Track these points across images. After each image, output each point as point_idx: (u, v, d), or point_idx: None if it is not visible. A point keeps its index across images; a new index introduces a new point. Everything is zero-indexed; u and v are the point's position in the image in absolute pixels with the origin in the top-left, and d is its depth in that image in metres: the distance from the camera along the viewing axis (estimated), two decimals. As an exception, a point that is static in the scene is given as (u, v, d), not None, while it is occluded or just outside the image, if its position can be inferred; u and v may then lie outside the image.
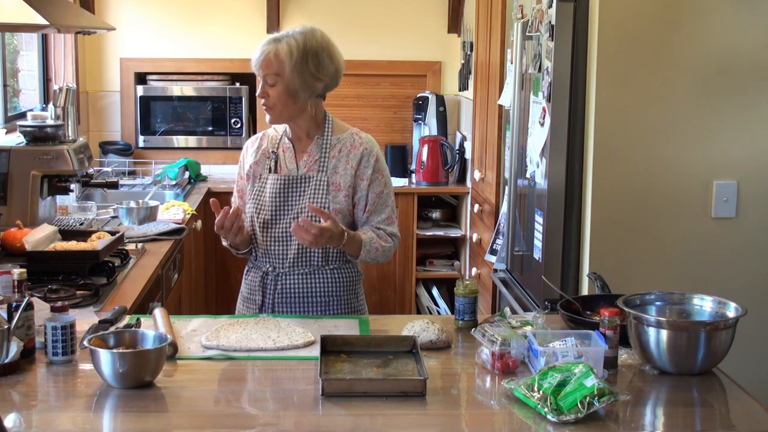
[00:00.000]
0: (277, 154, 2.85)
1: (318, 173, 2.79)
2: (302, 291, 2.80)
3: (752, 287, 3.17)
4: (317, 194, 2.77)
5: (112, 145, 5.67)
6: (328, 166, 2.79)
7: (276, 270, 2.81)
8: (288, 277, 2.80)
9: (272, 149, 2.86)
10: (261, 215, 2.81)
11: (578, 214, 3.25)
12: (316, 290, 2.80)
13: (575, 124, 3.21)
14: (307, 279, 2.80)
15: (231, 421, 1.96)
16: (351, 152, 2.81)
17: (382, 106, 5.83)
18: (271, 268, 2.81)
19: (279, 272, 2.81)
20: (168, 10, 5.76)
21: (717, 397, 2.12)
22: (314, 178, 2.79)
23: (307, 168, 2.81)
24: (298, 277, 2.80)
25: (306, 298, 2.80)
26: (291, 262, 2.79)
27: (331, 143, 2.82)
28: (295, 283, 2.80)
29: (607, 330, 2.22)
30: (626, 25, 3.08)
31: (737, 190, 3.15)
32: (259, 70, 2.75)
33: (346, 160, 2.80)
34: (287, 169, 2.82)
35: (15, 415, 1.96)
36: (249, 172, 2.87)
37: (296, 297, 2.80)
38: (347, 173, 2.79)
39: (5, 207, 3.70)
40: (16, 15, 3.08)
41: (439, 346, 2.39)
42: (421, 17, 5.84)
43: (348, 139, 2.84)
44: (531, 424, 1.94)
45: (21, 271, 2.38)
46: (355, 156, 2.81)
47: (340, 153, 2.81)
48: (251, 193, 2.85)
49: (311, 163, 2.81)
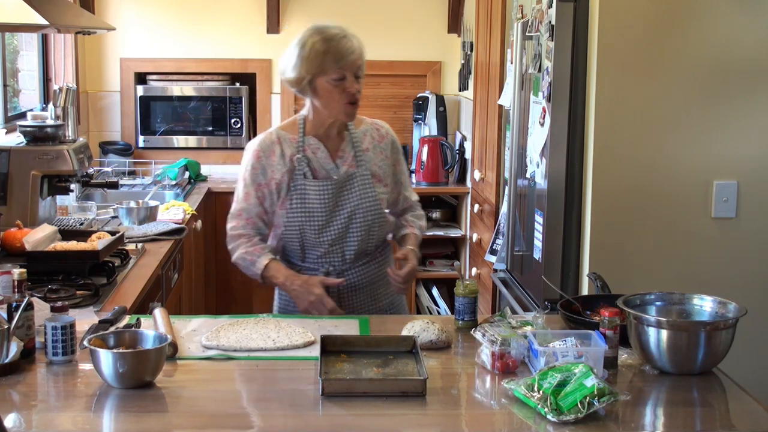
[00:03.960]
0: (308, 157, 2.79)
1: (358, 168, 2.81)
2: (367, 281, 2.86)
3: (752, 287, 3.17)
4: (366, 189, 2.80)
5: (112, 145, 5.67)
6: (365, 160, 2.82)
7: (336, 269, 2.83)
8: (350, 272, 2.84)
9: (299, 154, 2.79)
10: (313, 222, 2.78)
11: (578, 214, 3.25)
12: (377, 277, 2.86)
13: (575, 124, 3.21)
14: (367, 269, 2.86)
15: (231, 421, 1.96)
16: (381, 142, 2.87)
17: (382, 106, 5.83)
18: (330, 268, 2.83)
19: (340, 270, 2.83)
20: (168, 10, 5.76)
21: (717, 397, 2.12)
22: (357, 174, 2.80)
23: (347, 165, 2.82)
24: (359, 269, 2.85)
25: (372, 288, 2.87)
26: (351, 258, 2.83)
27: (359, 136, 2.84)
28: (359, 277, 2.85)
29: (607, 330, 2.22)
30: (626, 25, 3.08)
31: (737, 190, 3.15)
32: (352, 65, 2.70)
33: (379, 150, 2.86)
34: (324, 171, 2.80)
35: (15, 415, 1.95)
36: (280, 182, 2.78)
37: (362, 289, 2.86)
38: (384, 163, 2.86)
39: (5, 207, 3.70)
40: (16, 15, 3.08)
41: (439, 346, 2.38)
42: (421, 17, 5.84)
43: (371, 130, 2.88)
44: (531, 424, 1.94)
45: (21, 271, 2.38)
46: (386, 145, 2.88)
47: (372, 144, 2.85)
48: (289, 202, 2.78)
49: (349, 160, 2.82)
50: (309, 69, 2.70)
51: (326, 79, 2.70)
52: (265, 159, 2.80)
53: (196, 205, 4.71)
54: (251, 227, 2.83)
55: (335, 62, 2.68)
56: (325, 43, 2.69)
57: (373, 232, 2.83)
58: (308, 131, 2.82)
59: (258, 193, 2.81)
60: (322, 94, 2.74)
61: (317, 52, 2.68)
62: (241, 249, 2.81)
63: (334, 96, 2.72)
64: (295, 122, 2.85)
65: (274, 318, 2.60)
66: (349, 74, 2.70)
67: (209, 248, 5.27)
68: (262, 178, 2.80)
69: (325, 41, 2.69)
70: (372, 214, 2.80)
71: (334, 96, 2.72)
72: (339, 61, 2.68)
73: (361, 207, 2.79)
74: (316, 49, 2.69)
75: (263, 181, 2.80)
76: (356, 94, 2.73)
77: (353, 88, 2.71)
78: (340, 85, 2.70)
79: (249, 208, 2.83)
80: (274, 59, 5.78)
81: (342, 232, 2.79)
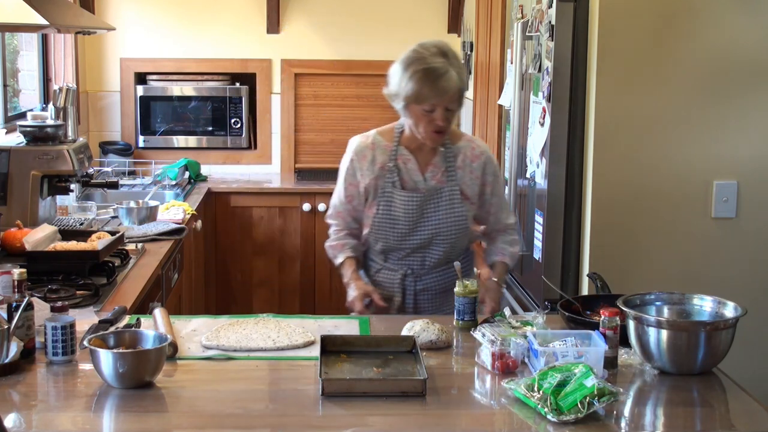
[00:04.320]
0: (398, 166, 2.86)
1: (448, 183, 2.86)
2: (442, 287, 2.93)
3: (752, 287, 3.17)
4: (453, 205, 2.85)
5: (112, 145, 5.67)
6: (456, 176, 2.86)
7: (415, 272, 2.91)
8: (428, 276, 2.92)
9: (391, 162, 2.86)
10: (397, 229, 2.86)
11: (578, 214, 3.25)
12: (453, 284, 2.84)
13: (575, 124, 3.21)
14: (445, 275, 2.92)
15: (231, 421, 1.96)
16: (474, 162, 2.89)
17: (382, 106, 5.78)
18: (409, 271, 2.91)
19: (418, 274, 2.91)
20: (168, 10, 5.75)
21: (717, 397, 2.12)
22: (446, 188, 2.85)
23: (436, 180, 2.87)
24: (437, 274, 2.93)
25: (445, 294, 2.90)
26: (431, 265, 2.91)
27: (453, 153, 2.87)
28: (436, 281, 2.93)
29: (607, 330, 2.22)
30: (626, 25, 3.08)
31: (737, 190, 3.15)
32: (444, 102, 2.73)
33: (470, 169, 2.88)
34: (413, 182, 2.86)
35: (15, 415, 1.96)
36: (368, 186, 2.87)
37: (436, 293, 2.93)
38: (474, 183, 2.89)
39: (5, 207, 3.70)
40: (16, 15, 3.08)
41: (439, 346, 2.39)
42: (421, 17, 5.84)
43: (467, 147, 2.90)
44: (531, 424, 1.94)
45: (21, 271, 2.39)
46: (479, 166, 2.89)
47: (464, 162, 2.88)
48: (376, 208, 2.87)
49: (439, 175, 2.87)
50: (406, 95, 2.75)
51: (419, 108, 2.76)
52: (357, 161, 2.90)
53: (196, 205, 4.71)
54: (341, 220, 2.97)
55: (430, 98, 2.73)
56: (426, 75, 2.71)
57: (456, 245, 2.91)
58: (403, 141, 2.89)
59: (348, 192, 2.93)
60: (412, 118, 2.80)
61: (416, 82, 2.72)
62: (328, 241, 2.98)
63: (422, 122, 2.78)
64: (392, 129, 2.92)
65: (274, 318, 2.60)
66: (440, 108, 2.74)
67: (209, 248, 5.27)
68: (352, 179, 2.92)
69: (426, 73, 2.71)
70: (456, 230, 2.87)
71: (422, 122, 2.78)
72: (434, 98, 2.73)
73: (446, 222, 2.86)
74: (416, 79, 2.72)
75: (353, 181, 2.92)
76: (443, 124, 2.76)
77: (440, 120, 2.75)
78: (429, 115, 2.76)
79: (339, 204, 2.97)
80: (274, 59, 5.79)
81: (425, 243, 2.88)
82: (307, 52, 5.77)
